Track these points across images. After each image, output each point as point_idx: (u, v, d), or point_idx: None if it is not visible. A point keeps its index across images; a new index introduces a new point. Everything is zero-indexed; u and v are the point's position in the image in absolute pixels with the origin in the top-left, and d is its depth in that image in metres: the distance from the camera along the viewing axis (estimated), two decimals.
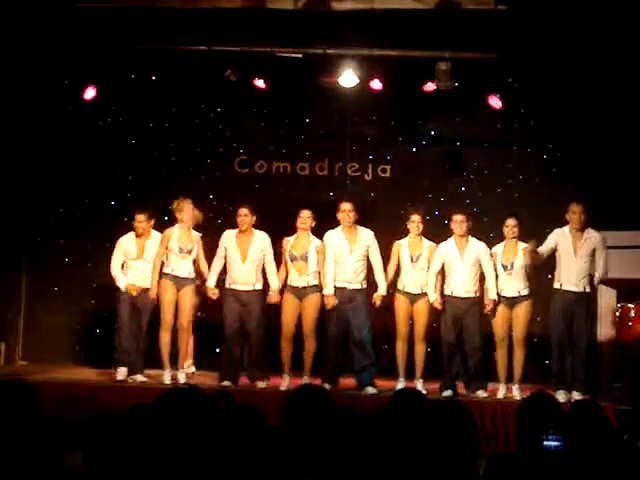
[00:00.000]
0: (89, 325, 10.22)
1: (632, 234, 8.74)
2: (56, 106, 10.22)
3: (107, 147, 10.44)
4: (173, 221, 10.27)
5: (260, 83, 9.72)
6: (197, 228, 9.05)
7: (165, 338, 8.57)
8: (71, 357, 10.19)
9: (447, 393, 8.25)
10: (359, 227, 8.71)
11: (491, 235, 9.53)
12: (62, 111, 10.27)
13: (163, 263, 8.66)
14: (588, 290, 8.31)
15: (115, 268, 8.80)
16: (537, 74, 9.55)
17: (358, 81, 9.39)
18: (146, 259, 8.80)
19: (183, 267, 8.62)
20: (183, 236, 8.73)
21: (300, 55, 9.37)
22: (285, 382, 8.41)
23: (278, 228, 9.89)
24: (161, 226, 10.03)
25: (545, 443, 3.47)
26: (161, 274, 8.59)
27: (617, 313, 8.86)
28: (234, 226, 9.19)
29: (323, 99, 10.06)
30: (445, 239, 8.66)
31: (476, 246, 8.48)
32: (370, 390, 8.34)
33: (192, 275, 8.68)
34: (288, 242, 8.63)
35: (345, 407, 3.48)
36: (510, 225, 8.35)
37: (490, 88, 9.65)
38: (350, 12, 8.65)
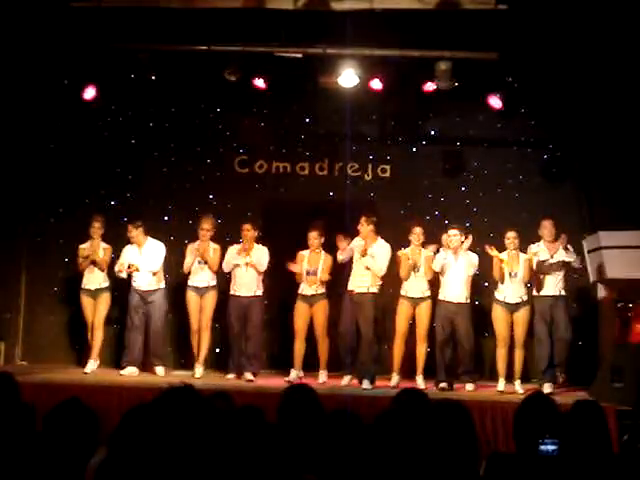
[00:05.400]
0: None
1: (632, 234, 8.74)
2: (56, 106, 10.21)
3: (107, 147, 10.44)
4: (174, 221, 10.38)
5: (260, 83, 9.73)
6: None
7: (194, 340, 9.51)
8: (70, 357, 10.21)
9: (442, 385, 8.95)
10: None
11: (491, 235, 9.56)
12: (62, 111, 10.27)
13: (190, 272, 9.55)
14: (564, 294, 8.94)
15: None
16: (537, 74, 9.54)
17: (358, 81, 9.40)
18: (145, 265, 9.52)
19: (202, 277, 9.45)
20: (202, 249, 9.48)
21: (300, 55, 9.36)
22: (292, 376, 9.11)
23: (278, 228, 9.92)
24: (161, 226, 10.07)
25: (541, 447, 3.47)
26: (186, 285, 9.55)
27: (617, 313, 8.87)
28: (234, 226, 9.53)
29: (323, 99, 10.05)
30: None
31: (468, 255, 9.11)
32: (365, 384, 8.82)
33: (212, 283, 9.47)
34: (303, 257, 9.36)
35: (343, 409, 3.47)
36: (511, 237, 8.94)
37: (490, 88, 9.65)
38: (350, 12, 8.64)
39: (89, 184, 10.42)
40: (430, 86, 9.52)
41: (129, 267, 9.38)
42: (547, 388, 8.65)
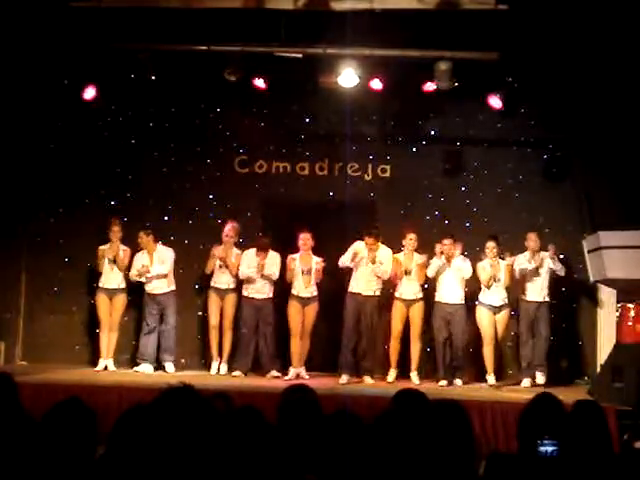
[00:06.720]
0: (89, 325, 10.23)
1: (632, 234, 8.74)
2: (56, 106, 10.21)
3: (107, 147, 10.44)
4: (174, 221, 10.38)
5: (260, 83, 9.73)
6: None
7: (212, 336, 9.82)
8: (71, 357, 10.20)
9: (442, 383, 9.44)
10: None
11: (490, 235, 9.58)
12: (62, 111, 10.27)
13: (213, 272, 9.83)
14: (547, 300, 9.49)
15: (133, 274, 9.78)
16: (538, 74, 9.54)
17: (358, 81, 9.40)
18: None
19: (223, 280, 9.73)
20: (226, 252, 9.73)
21: (300, 55, 9.36)
22: (292, 373, 9.51)
23: (278, 228, 9.91)
24: (161, 226, 10.08)
25: (541, 448, 3.46)
26: (209, 285, 9.85)
27: (617, 313, 8.87)
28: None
29: (323, 99, 10.05)
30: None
31: (461, 261, 9.59)
32: (367, 380, 9.42)
33: (232, 286, 9.73)
34: (294, 259, 9.53)
35: (343, 409, 3.47)
36: (490, 247, 9.44)
37: (490, 88, 9.65)
38: (350, 12, 8.63)
39: (89, 184, 10.42)
40: (430, 86, 9.52)
41: (142, 267, 9.65)
42: (526, 383, 9.34)
